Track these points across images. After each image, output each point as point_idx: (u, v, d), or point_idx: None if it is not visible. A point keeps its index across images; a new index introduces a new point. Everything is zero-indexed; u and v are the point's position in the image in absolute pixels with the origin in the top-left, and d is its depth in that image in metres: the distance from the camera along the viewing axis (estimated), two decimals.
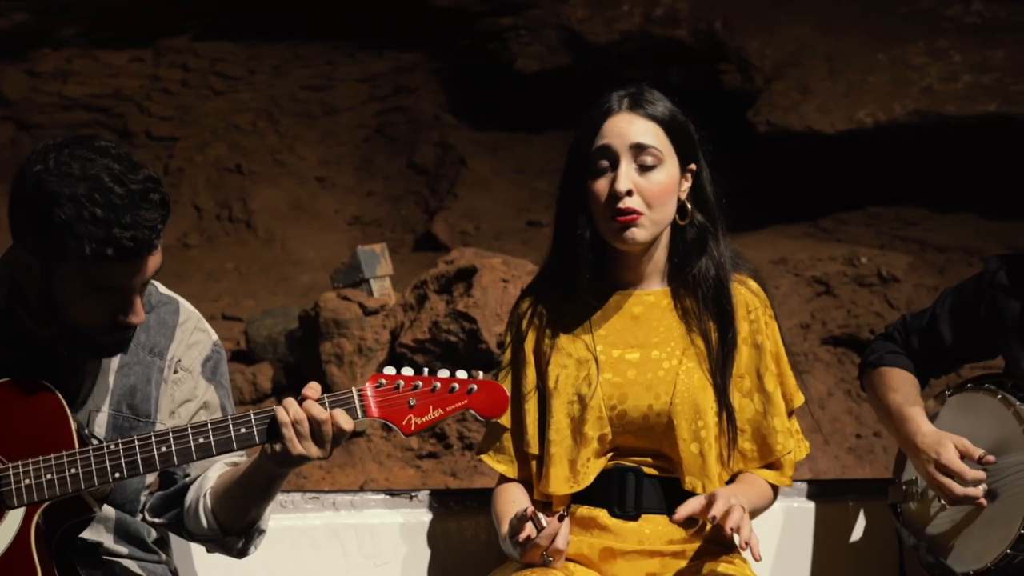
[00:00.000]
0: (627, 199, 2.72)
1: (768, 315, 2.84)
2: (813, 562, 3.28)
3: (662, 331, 2.81)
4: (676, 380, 2.76)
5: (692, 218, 2.80)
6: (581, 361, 2.81)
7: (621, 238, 2.74)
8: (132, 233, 2.38)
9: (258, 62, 10.40)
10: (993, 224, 8.81)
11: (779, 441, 2.82)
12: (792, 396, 2.86)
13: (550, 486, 2.79)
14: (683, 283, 2.82)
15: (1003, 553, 2.84)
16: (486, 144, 10.33)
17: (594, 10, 9.59)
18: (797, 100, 8.97)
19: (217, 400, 2.71)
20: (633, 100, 2.77)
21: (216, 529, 2.63)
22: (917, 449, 2.95)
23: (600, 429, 2.77)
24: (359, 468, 6.61)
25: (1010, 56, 8.70)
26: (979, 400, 2.99)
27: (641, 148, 2.74)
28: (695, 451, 2.75)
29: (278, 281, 9.49)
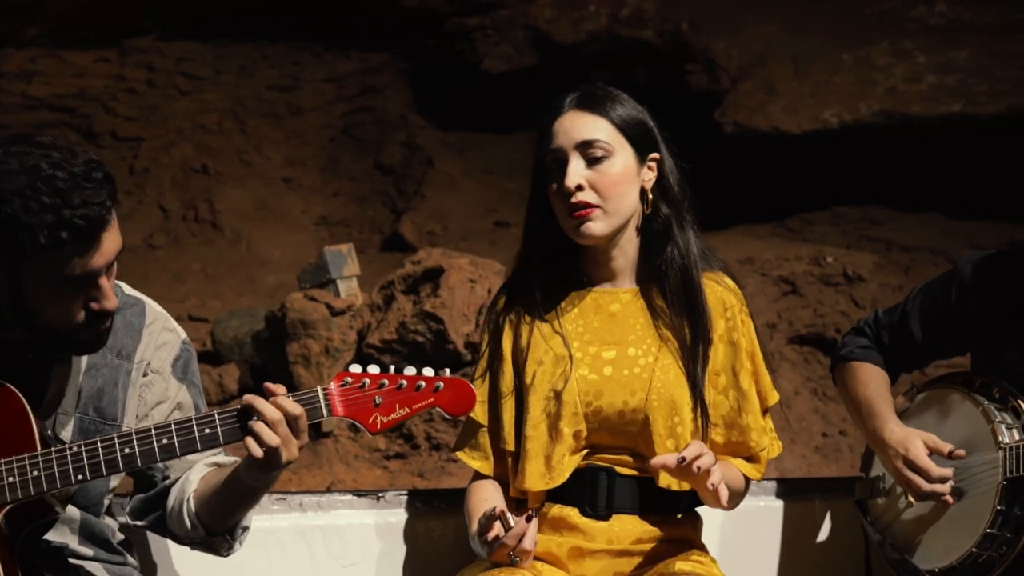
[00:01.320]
0: (578, 194, 2.75)
1: (744, 313, 2.86)
2: (781, 560, 3.29)
3: (638, 329, 2.82)
4: (652, 377, 2.77)
5: (657, 209, 2.82)
6: (558, 358, 2.81)
7: (579, 233, 2.77)
8: (82, 212, 2.37)
9: (224, 62, 10.35)
10: (958, 224, 8.86)
11: (753, 439, 2.83)
12: (767, 394, 2.87)
13: (525, 482, 2.80)
14: (649, 282, 2.83)
15: (969, 552, 2.86)
16: (453, 144, 10.32)
17: (561, 10, 9.60)
18: (763, 100, 9.00)
19: (190, 399, 2.70)
20: (579, 99, 2.81)
21: (202, 532, 2.62)
22: (885, 444, 2.96)
23: (575, 425, 2.78)
24: (326, 469, 6.60)
25: (973, 57, 8.76)
26: (948, 398, 3.01)
27: (587, 144, 2.77)
28: (671, 447, 2.76)
29: (244, 282, 9.45)
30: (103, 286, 2.47)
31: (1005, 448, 2.85)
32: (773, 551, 3.29)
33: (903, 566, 3.00)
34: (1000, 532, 2.83)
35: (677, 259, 2.82)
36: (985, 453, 2.88)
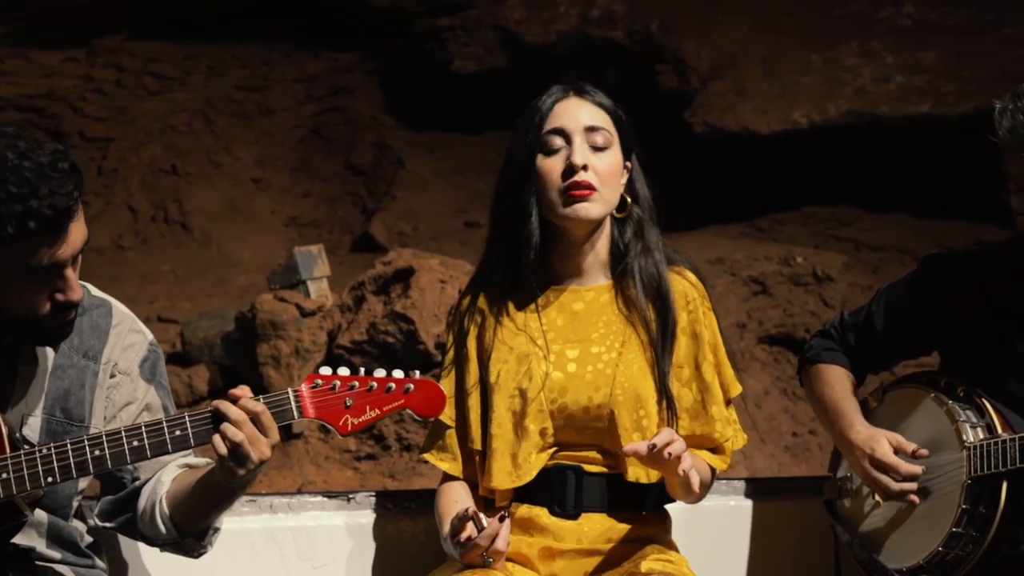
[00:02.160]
0: (583, 173, 2.77)
1: (706, 306, 2.88)
2: (750, 559, 3.30)
3: (602, 326, 2.84)
4: (616, 372, 2.79)
5: (630, 211, 2.85)
6: (522, 356, 2.82)
7: (573, 211, 2.77)
8: (50, 202, 2.36)
9: (193, 62, 10.32)
10: (926, 223, 8.91)
11: (717, 429, 2.85)
12: (729, 385, 2.89)
13: (492, 480, 2.80)
14: (623, 276, 2.85)
15: (935, 550, 2.88)
16: (423, 145, 10.31)
17: (531, 11, 9.61)
18: (733, 101, 9.03)
19: (158, 400, 2.69)
20: (580, 89, 2.87)
21: (174, 534, 2.62)
22: (852, 445, 2.98)
23: (541, 423, 2.79)
24: (296, 470, 6.58)
25: (941, 58, 8.81)
26: (913, 398, 3.03)
27: (594, 129, 2.81)
28: (637, 440, 2.76)
29: (214, 283, 9.42)
30: (68, 277, 2.46)
31: (969, 447, 2.87)
32: (743, 550, 3.30)
33: (871, 565, 3.02)
34: (966, 531, 2.85)
35: (650, 262, 2.84)
36: (950, 453, 2.91)
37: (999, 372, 2.91)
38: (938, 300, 3.02)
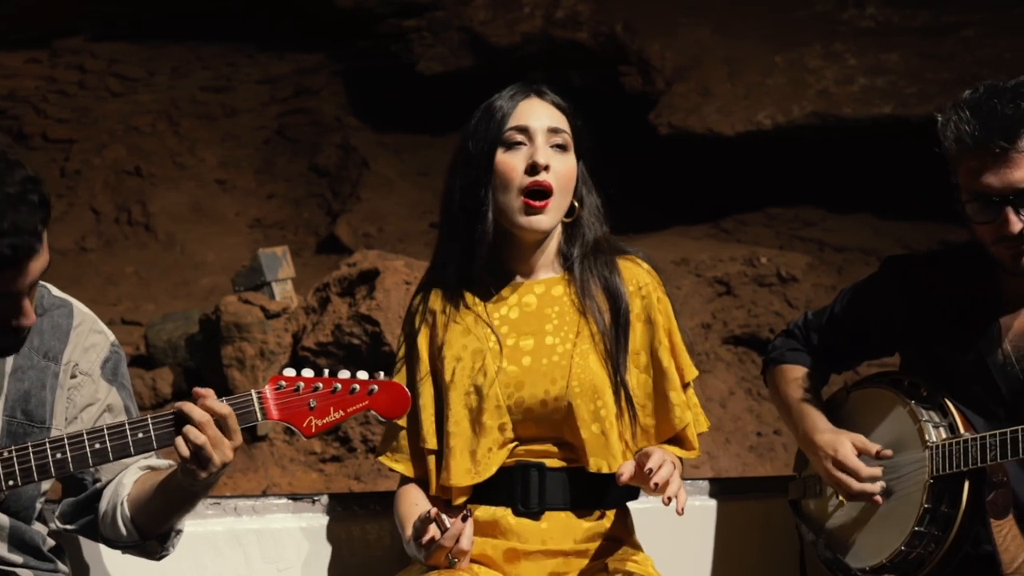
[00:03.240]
0: (544, 173, 2.78)
1: (660, 291, 2.89)
2: (715, 559, 3.32)
3: (555, 318, 2.85)
4: (571, 363, 2.80)
5: (578, 215, 2.87)
6: (476, 352, 2.83)
7: (527, 222, 2.79)
8: (11, 240, 2.33)
9: (157, 63, 10.27)
10: (889, 224, 8.96)
11: (677, 414, 2.86)
12: (685, 369, 2.90)
13: (451, 478, 2.80)
14: (572, 271, 2.87)
15: (898, 549, 2.89)
16: (389, 146, 10.29)
17: (496, 12, 9.60)
18: (697, 102, 9.05)
19: (120, 402, 2.67)
20: (541, 91, 2.89)
21: (136, 536, 2.60)
22: (815, 447, 2.99)
23: (499, 418, 2.79)
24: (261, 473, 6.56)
25: (904, 59, 8.86)
26: (877, 398, 3.04)
27: (556, 131, 2.83)
28: (596, 431, 2.78)
29: (178, 285, 9.37)
30: (23, 306, 2.44)
31: (932, 447, 2.89)
32: (708, 550, 3.31)
33: (836, 565, 3.03)
34: (928, 530, 2.87)
35: (593, 258, 2.86)
36: (913, 452, 2.92)
37: (960, 372, 2.93)
38: (899, 301, 3.04)
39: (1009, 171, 2.76)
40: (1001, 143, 2.74)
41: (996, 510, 2.84)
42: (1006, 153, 2.75)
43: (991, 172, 2.77)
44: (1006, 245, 2.81)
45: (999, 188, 2.77)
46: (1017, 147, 2.74)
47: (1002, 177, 2.76)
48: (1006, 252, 2.83)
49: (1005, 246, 2.82)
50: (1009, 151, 2.74)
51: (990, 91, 2.81)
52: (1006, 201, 2.77)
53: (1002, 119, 2.74)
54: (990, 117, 2.75)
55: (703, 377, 7.37)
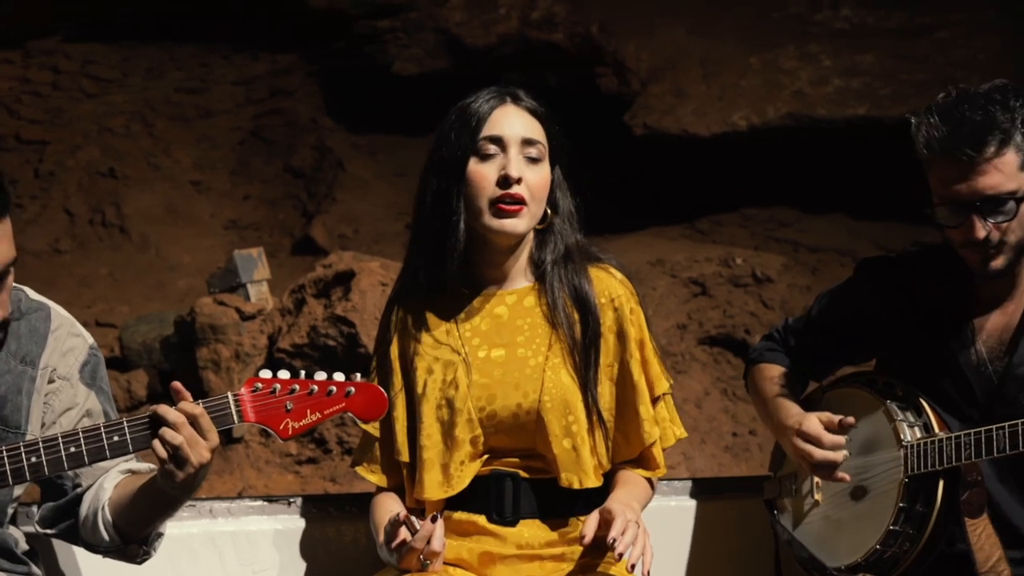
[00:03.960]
0: (517, 186, 2.75)
1: (633, 302, 2.87)
2: (692, 559, 3.32)
3: (526, 329, 2.83)
4: (543, 377, 2.78)
5: (551, 222, 2.84)
6: (447, 364, 2.81)
7: (500, 225, 2.76)
8: None
9: (131, 64, 10.23)
10: (864, 225, 9.00)
11: (645, 430, 2.83)
12: (656, 383, 2.87)
13: (424, 492, 2.79)
14: (543, 281, 2.85)
15: (873, 548, 2.90)
16: (364, 147, 10.28)
17: (472, 13, 9.60)
18: (673, 103, 9.07)
19: (99, 406, 2.66)
20: (517, 98, 2.84)
21: (118, 540, 2.59)
22: (784, 427, 2.99)
23: (471, 431, 2.78)
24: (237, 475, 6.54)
25: (878, 60, 8.90)
26: (852, 397, 3.05)
27: (530, 142, 2.79)
28: (568, 446, 2.77)
29: (153, 287, 9.34)
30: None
31: (907, 446, 2.90)
32: (684, 550, 3.32)
33: (811, 564, 3.04)
34: (903, 529, 2.88)
35: (564, 266, 2.84)
36: (888, 451, 2.93)
37: (934, 373, 2.95)
38: (875, 302, 3.05)
39: (976, 179, 2.77)
40: (968, 151, 2.75)
41: (971, 509, 2.85)
42: (973, 161, 2.76)
43: (959, 179, 2.78)
44: (973, 249, 2.83)
45: (966, 195, 2.78)
46: (984, 155, 2.76)
47: (969, 184, 2.78)
48: (973, 256, 2.85)
49: (972, 250, 2.83)
50: (976, 159, 2.76)
51: (961, 97, 2.82)
52: (972, 208, 2.79)
53: (970, 126, 2.75)
54: (959, 124, 2.76)
55: (679, 378, 7.38)
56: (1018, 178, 2.78)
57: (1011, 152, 2.77)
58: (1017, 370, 2.88)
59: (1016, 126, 2.76)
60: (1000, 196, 2.77)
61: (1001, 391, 2.88)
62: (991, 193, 2.77)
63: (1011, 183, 2.78)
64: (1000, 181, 2.77)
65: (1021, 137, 2.77)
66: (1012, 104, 2.78)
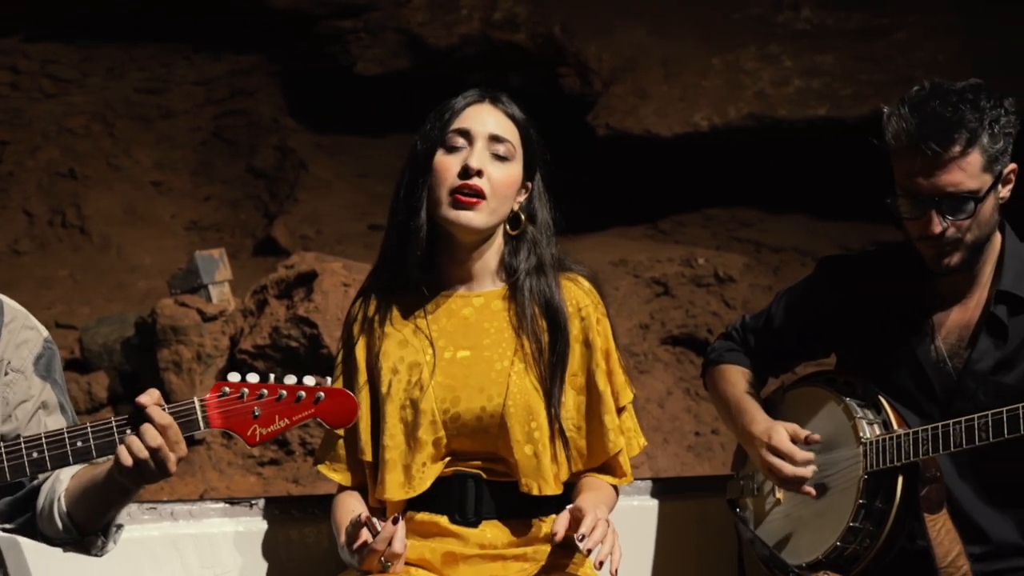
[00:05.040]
0: (476, 179, 2.76)
1: (600, 312, 2.87)
2: (656, 559, 3.33)
3: (493, 332, 2.83)
4: (508, 382, 2.78)
5: (524, 229, 2.84)
6: (412, 365, 2.81)
7: (456, 216, 2.76)
8: None
9: (91, 64, 10.16)
10: (825, 224, 9.05)
11: (610, 439, 2.84)
12: (620, 393, 2.88)
13: (386, 492, 2.79)
14: (513, 290, 2.85)
15: (833, 545, 2.92)
16: (327, 147, 10.25)
17: (434, 13, 9.59)
18: (635, 104, 9.09)
19: (55, 398, 2.63)
20: (495, 97, 2.86)
21: (74, 532, 2.56)
22: (751, 437, 3.01)
23: (434, 433, 2.77)
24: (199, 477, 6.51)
25: (839, 61, 8.94)
26: (813, 396, 3.07)
27: (498, 139, 2.80)
28: (529, 452, 2.78)
29: (114, 288, 9.28)
30: None
31: (866, 443, 2.91)
32: (648, 550, 3.32)
33: (773, 562, 3.05)
34: (863, 525, 2.90)
35: (537, 277, 2.84)
36: (847, 448, 2.95)
37: (894, 371, 2.97)
38: (835, 300, 3.07)
39: (939, 175, 2.79)
40: (933, 146, 2.77)
41: (930, 505, 2.87)
42: (938, 156, 2.78)
43: (922, 173, 2.80)
44: (929, 244, 2.85)
45: (927, 189, 2.81)
46: (949, 152, 2.77)
47: (931, 180, 2.80)
48: (929, 250, 2.87)
49: (928, 244, 2.86)
50: (941, 155, 2.77)
51: (934, 91, 2.84)
52: (931, 203, 2.81)
53: (939, 122, 2.77)
54: (928, 118, 2.78)
55: (642, 378, 7.40)
56: (980, 178, 2.80)
57: (976, 152, 2.79)
58: (976, 366, 2.90)
59: (984, 127, 2.78)
60: (960, 194, 2.80)
61: (960, 387, 2.91)
62: (952, 191, 2.79)
63: (973, 183, 2.80)
64: (962, 180, 2.79)
65: (988, 139, 2.79)
66: (983, 105, 2.80)
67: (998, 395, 2.84)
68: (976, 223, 2.83)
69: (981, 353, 2.90)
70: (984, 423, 2.75)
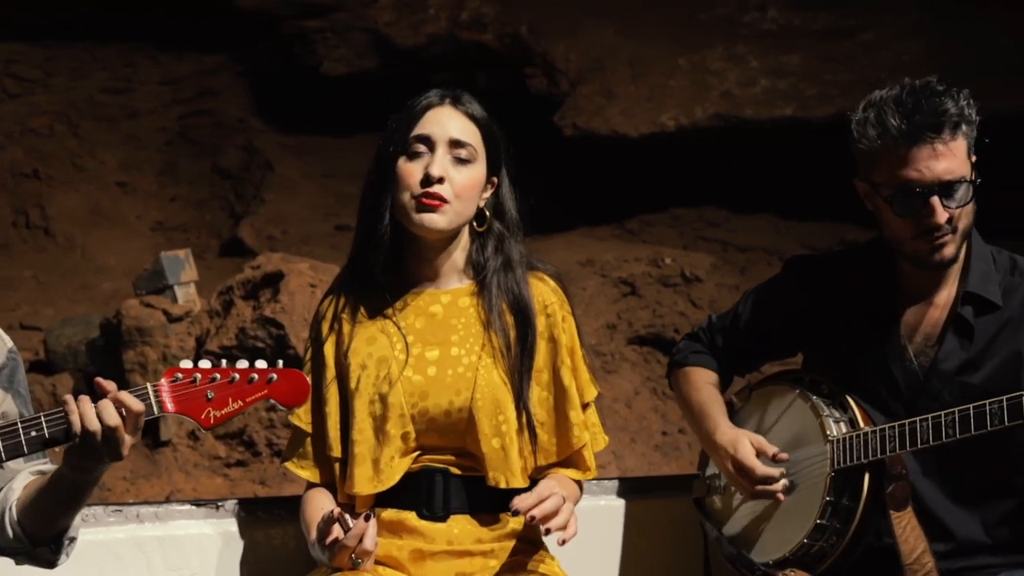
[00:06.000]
0: (438, 185, 2.77)
1: (565, 310, 2.90)
2: (622, 558, 3.33)
3: (460, 329, 2.85)
4: (476, 376, 2.80)
5: (491, 226, 2.87)
6: (381, 360, 2.82)
7: (420, 219, 2.78)
8: None
9: (55, 64, 10.10)
10: (791, 224, 9.08)
11: (575, 434, 2.87)
12: (585, 389, 2.91)
13: (355, 486, 2.80)
14: (481, 286, 2.87)
15: (800, 543, 2.93)
16: (293, 148, 10.22)
17: (400, 13, 9.58)
18: (602, 104, 9.10)
19: (15, 409, 2.62)
20: (455, 98, 2.86)
21: (25, 541, 2.54)
22: (716, 446, 3.02)
23: (403, 427, 2.79)
24: (165, 478, 6.48)
25: (805, 62, 8.98)
26: (779, 395, 3.08)
27: (459, 144, 2.81)
28: (497, 446, 2.79)
29: (79, 289, 9.23)
30: None
31: (833, 441, 2.93)
32: (615, 549, 3.33)
33: (739, 560, 3.06)
34: (830, 523, 2.91)
35: (505, 273, 2.86)
36: (814, 446, 2.96)
37: (862, 369, 2.98)
38: (802, 300, 3.08)
39: (935, 163, 2.81)
40: (928, 134, 2.80)
41: (896, 502, 2.89)
42: (932, 145, 2.80)
43: (918, 164, 2.81)
44: (927, 239, 2.85)
45: (927, 179, 2.81)
46: (943, 139, 2.81)
47: (930, 168, 2.81)
48: (925, 246, 2.87)
49: (925, 240, 2.86)
50: (936, 142, 2.80)
51: (905, 88, 2.87)
52: (932, 192, 2.81)
53: (928, 112, 2.80)
54: (915, 110, 2.81)
55: (608, 378, 7.41)
56: (967, 164, 2.85)
57: (961, 138, 2.83)
58: (942, 366, 2.92)
59: (964, 115, 2.82)
60: (958, 180, 2.83)
61: (926, 387, 2.92)
62: (949, 178, 2.82)
63: (964, 169, 2.84)
64: (956, 166, 2.82)
65: (967, 126, 2.83)
66: (954, 94, 2.84)
67: (963, 395, 2.85)
68: (967, 211, 2.86)
69: (947, 353, 2.92)
70: (951, 420, 2.77)
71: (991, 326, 2.91)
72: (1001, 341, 2.90)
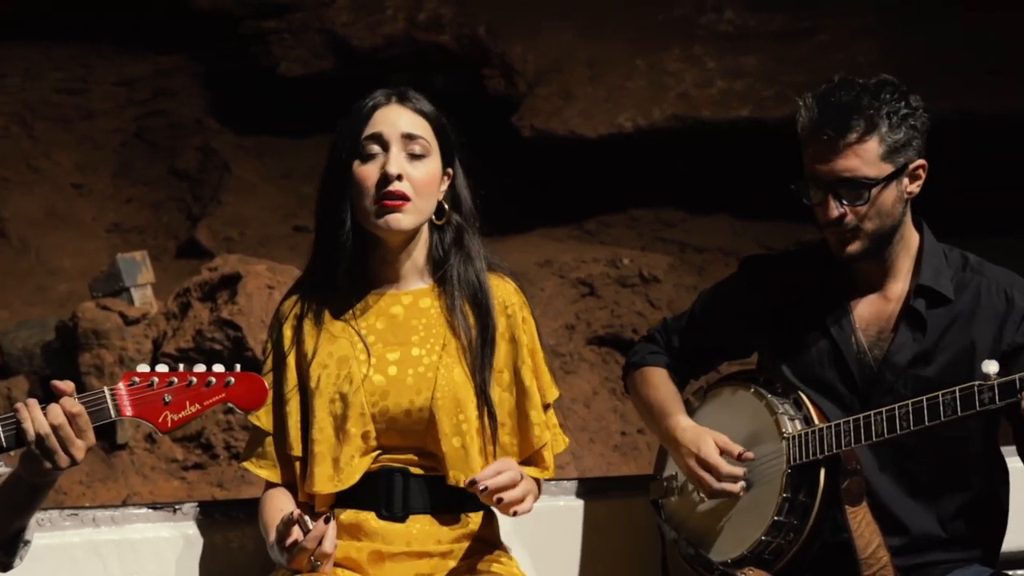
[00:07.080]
0: (397, 183, 2.77)
1: (525, 311, 2.92)
2: (581, 558, 3.33)
3: (421, 329, 2.85)
4: (437, 375, 2.80)
5: (449, 219, 2.87)
6: (342, 360, 2.82)
7: (384, 222, 2.78)
8: None
9: (8, 64, 10.03)
10: (747, 224, 9.13)
11: (536, 433, 2.88)
12: (546, 390, 2.92)
13: (315, 485, 2.79)
14: (442, 281, 2.87)
15: (758, 540, 2.94)
16: (250, 149, 10.19)
17: (357, 14, 9.56)
18: (560, 105, 9.12)
19: None
20: (401, 95, 2.86)
21: None
22: (678, 444, 3.03)
23: (363, 426, 2.78)
24: (121, 482, 6.44)
25: (761, 63, 9.03)
26: (735, 394, 3.10)
27: (412, 138, 2.81)
28: (457, 445, 2.79)
29: (34, 291, 9.16)
30: None
31: (788, 438, 2.95)
32: (573, 550, 3.33)
33: (697, 560, 3.07)
34: (787, 519, 2.92)
35: (470, 269, 2.87)
36: (770, 444, 2.98)
37: (817, 365, 3.00)
38: (757, 299, 3.10)
39: (835, 160, 2.86)
40: (829, 131, 2.85)
41: (851, 497, 2.91)
42: (834, 142, 2.85)
43: (821, 159, 2.88)
44: (831, 230, 2.92)
45: (825, 175, 2.88)
46: (846, 138, 2.85)
47: (829, 165, 2.87)
48: (832, 237, 2.94)
49: (831, 231, 2.92)
50: (837, 140, 2.85)
51: (840, 83, 2.93)
52: (828, 188, 2.87)
53: (837, 109, 2.85)
54: (828, 106, 2.87)
55: (567, 378, 7.42)
56: (878, 167, 2.87)
57: (874, 141, 2.86)
58: (894, 358, 2.94)
59: (882, 116, 2.85)
60: (856, 180, 2.86)
61: (879, 379, 2.95)
62: (847, 176, 2.86)
63: (870, 170, 2.86)
64: (858, 166, 2.85)
65: (887, 128, 2.86)
66: (884, 96, 2.88)
67: (917, 388, 2.88)
68: (876, 212, 2.89)
69: (900, 345, 2.94)
70: (905, 412, 2.80)
71: (943, 319, 2.94)
72: (953, 334, 2.94)
